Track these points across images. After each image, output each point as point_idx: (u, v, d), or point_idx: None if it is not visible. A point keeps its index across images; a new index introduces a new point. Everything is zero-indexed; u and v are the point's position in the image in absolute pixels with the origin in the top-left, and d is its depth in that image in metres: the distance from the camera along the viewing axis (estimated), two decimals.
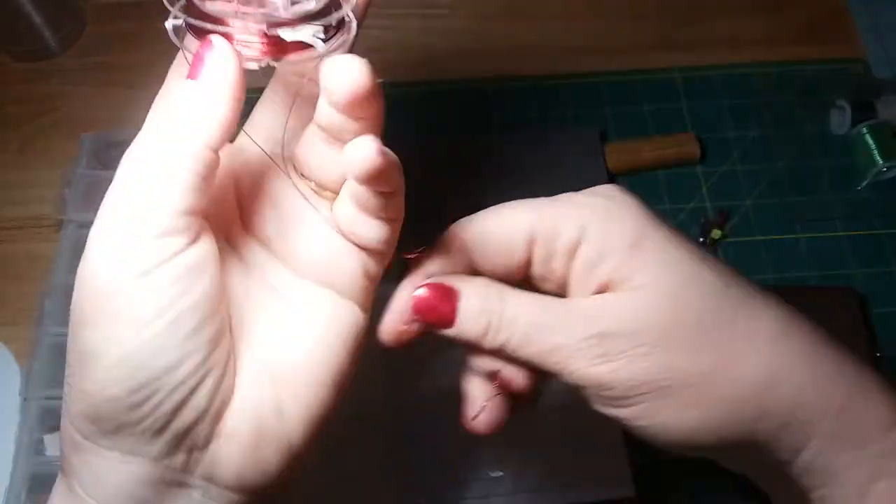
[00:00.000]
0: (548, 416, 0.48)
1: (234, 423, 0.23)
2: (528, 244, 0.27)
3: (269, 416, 0.24)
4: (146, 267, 0.21)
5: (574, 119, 0.63)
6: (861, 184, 0.59)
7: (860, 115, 0.59)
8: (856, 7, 0.69)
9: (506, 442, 0.47)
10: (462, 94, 0.64)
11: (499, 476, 0.46)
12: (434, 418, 0.48)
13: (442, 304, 0.27)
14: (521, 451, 0.47)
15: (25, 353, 0.51)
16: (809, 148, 0.61)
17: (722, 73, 0.65)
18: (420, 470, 0.46)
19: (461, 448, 0.47)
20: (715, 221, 0.58)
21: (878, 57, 0.66)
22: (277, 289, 0.26)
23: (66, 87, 0.65)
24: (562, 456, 0.47)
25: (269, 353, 0.25)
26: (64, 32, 0.66)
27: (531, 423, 0.48)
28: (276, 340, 0.25)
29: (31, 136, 0.63)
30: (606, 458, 0.47)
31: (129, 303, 0.21)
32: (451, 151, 0.58)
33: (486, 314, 0.26)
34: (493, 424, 0.29)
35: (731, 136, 0.62)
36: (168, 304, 0.22)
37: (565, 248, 0.27)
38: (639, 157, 0.59)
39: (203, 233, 0.23)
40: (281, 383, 0.25)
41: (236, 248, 0.26)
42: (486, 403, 0.29)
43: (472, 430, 0.29)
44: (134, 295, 0.21)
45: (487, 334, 0.27)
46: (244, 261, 0.26)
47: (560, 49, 0.68)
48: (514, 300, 0.27)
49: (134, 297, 0.21)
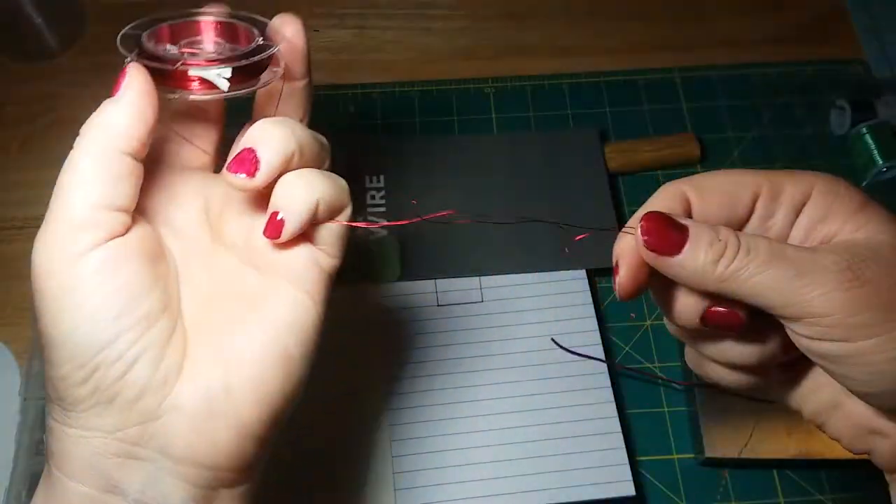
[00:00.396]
0: (547, 415, 0.48)
1: (182, 399, 0.26)
2: (753, 198, 0.27)
3: (218, 394, 0.27)
4: (70, 257, 0.25)
5: (574, 119, 0.63)
6: (861, 184, 0.59)
7: (860, 116, 0.59)
8: (855, 7, 0.69)
9: (506, 441, 0.47)
10: (462, 94, 0.64)
11: None
12: (433, 419, 0.48)
13: (670, 230, 0.26)
14: (520, 450, 0.47)
15: (25, 353, 0.52)
16: (809, 148, 0.61)
17: (722, 73, 0.65)
18: (418, 469, 0.46)
19: (458, 447, 0.47)
20: None
21: (878, 57, 0.66)
22: (237, 281, 0.29)
23: (66, 87, 0.65)
24: (562, 456, 0.47)
25: (222, 336, 0.28)
26: (64, 32, 0.66)
27: (532, 423, 0.48)
28: (230, 325, 0.28)
29: (31, 136, 0.63)
30: (606, 458, 0.47)
31: (62, 289, 0.25)
32: (451, 151, 0.58)
33: (721, 242, 0.25)
34: (632, 281, 0.27)
35: (731, 136, 0.62)
36: (93, 289, 0.25)
37: (791, 204, 0.27)
38: (638, 157, 0.59)
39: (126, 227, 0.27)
40: (231, 363, 0.27)
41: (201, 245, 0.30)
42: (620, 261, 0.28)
43: (617, 293, 0.28)
44: (65, 283, 0.25)
45: (721, 262, 0.25)
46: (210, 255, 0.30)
47: (560, 49, 0.68)
48: (748, 234, 0.26)
49: (65, 284, 0.25)
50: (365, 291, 0.52)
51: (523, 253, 0.54)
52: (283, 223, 0.28)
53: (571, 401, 0.49)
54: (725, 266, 0.25)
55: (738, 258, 0.25)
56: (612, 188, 0.58)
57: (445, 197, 0.56)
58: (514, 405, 0.48)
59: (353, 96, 0.64)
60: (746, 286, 0.25)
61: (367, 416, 0.48)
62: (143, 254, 0.27)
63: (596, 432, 0.47)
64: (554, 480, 0.46)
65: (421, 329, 0.51)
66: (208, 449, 0.27)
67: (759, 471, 0.49)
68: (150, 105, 0.27)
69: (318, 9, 0.70)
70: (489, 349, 0.50)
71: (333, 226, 0.30)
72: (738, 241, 0.25)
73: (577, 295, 0.52)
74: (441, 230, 0.55)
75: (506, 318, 0.51)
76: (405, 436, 0.47)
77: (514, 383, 0.49)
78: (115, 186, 0.26)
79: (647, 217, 0.26)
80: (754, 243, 0.25)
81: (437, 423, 0.48)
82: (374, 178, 0.56)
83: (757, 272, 0.25)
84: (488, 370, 0.49)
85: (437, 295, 0.52)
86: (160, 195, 0.30)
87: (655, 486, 0.49)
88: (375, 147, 0.58)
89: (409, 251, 0.54)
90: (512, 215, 0.51)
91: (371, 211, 0.55)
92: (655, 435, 0.50)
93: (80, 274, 0.25)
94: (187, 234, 0.30)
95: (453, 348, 0.50)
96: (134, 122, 0.26)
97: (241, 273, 0.29)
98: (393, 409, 0.48)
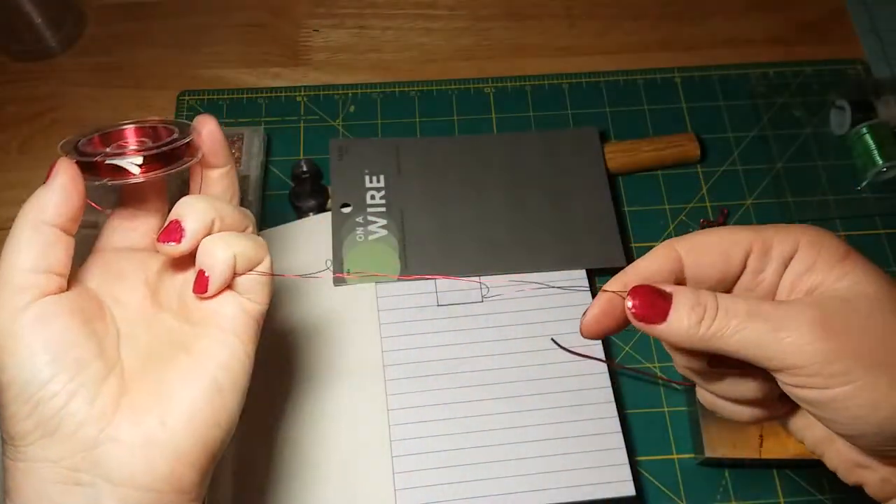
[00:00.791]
0: (548, 415, 0.48)
1: (120, 430, 0.30)
2: (745, 255, 0.30)
3: (154, 425, 0.31)
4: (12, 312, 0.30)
5: (574, 119, 0.63)
6: (860, 184, 0.59)
7: (860, 116, 0.59)
8: (855, 7, 0.69)
9: (505, 441, 0.47)
10: (462, 94, 0.64)
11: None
12: (433, 418, 0.48)
13: (656, 299, 0.28)
14: (520, 450, 0.47)
15: None
16: (809, 148, 0.61)
17: (721, 73, 0.65)
18: (418, 469, 0.46)
19: (458, 447, 0.47)
20: (714, 221, 0.58)
21: (878, 57, 0.66)
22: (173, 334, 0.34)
23: (65, 87, 0.65)
24: (562, 456, 0.47)
25: (158, 376, 0.32)
26: (64, 32, 0.66)
27: (532, 423, 0.48)
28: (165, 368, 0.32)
29: (31, 136, 0.63)
30: (606, 458, 0.47)
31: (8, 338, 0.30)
32: (451, 151, 0.58)
33: (701, 306, 0.28)
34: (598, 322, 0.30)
35: (731, 136, 0.62)
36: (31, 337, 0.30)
37: (780, 259, 0.29)
38: (638, 156, 0.59)
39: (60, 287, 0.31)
40: (165, 397, 0.31)
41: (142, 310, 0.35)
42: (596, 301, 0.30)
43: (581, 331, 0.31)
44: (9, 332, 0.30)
45: (702, 323, 0.28)
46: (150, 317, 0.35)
47: (560, 49, 0.68)
48: (725, 296, 0.28)
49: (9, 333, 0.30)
50: (365, 291, 0.52)
51: (524, 253, 0.54)
52: (208, 279, 0.33)
53: (571, 401, 0.49)
54: (707, 327, 0.28)
55: (718, 319, 0.28)
56: (612, 188, 0.58)
57: (445, 197, 0.56)
58: (514, 405, 0.48)
59: (353, 96, 0.64)
60: (729, 343, 0.27)
61: (367, 416, 0.48)
62: (76, 311, 0.32)
63: (596, 432, 0.47)
64: (554, 480, 0.46)
65: (421, 329, 0.51)
66: (146, 474, 0.30)
67: (759, 471, 0.49)
68: (76, 189, 0.32)
69: (318, 9, 0.70)
70: (489, 349, 0.50)
71: (254, 276, 0.34)
72: (716, 304, 0.28)
73: (577, 295, 0.52)
74: (441, 230, 0.55)
75: (506, 318, 0.51)
76: (405, 436, 0.47)
77: (514, 383, 0.49)
78: (47, 254, 0.31)
79: (634, 291, 0.29)
80: (732, 304, 0.28)
81: (436, 423, 0.48)
82: (375, 178, 0.56)
83: (737, 330, 0.27)
84: (488, 370, 0.49)
85: (437, 295, 0.52)
86: (108, 275, 0.35)
87: (655, 486, 0.49)
88: (375, 147, 0.58)
89: (409, 251, 0.54)
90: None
91: (371, 211, 0.55)
92: (655, 435, 0.50)
93: (21, 324, 0.30)
94: (130, 303, 0.35)
95: (453, 348, 0.50)
96: (61, 202, 0.31)
97: (177, 328, 0.34)
98: (393, 409, 0.48)
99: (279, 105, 0.64)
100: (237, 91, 0.64)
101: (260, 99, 0.64)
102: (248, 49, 0.67)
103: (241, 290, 0.34)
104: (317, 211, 0.56)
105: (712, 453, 0.47)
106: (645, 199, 0.60)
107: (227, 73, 0.66)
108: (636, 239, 0.58)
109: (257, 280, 0.34)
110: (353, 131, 0.62)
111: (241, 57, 0.67)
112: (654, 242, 0.57)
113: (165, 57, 0.66)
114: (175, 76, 0.65)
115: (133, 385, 0.32)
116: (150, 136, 0.36)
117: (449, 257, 0.54)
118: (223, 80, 0.66)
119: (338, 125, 0.63)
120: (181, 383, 0.32)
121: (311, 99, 0.64)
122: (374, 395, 0.49)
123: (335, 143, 0.58)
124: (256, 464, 0.47)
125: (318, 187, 0.57)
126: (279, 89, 0.64)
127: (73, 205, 0.32)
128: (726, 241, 0.30)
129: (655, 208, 0.59)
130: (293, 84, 0.65)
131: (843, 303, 0.27)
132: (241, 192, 0.56)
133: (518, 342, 0.50)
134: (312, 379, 0.50)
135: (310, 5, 0.70)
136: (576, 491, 0.46)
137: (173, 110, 0.63)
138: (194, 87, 0.64)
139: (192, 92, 0.64)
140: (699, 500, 0.48)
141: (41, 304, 0.31)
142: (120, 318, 0.34)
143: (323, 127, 0.63)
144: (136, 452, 0.30)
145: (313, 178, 0.58)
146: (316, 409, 0.49)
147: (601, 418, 0.48)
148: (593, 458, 0.47)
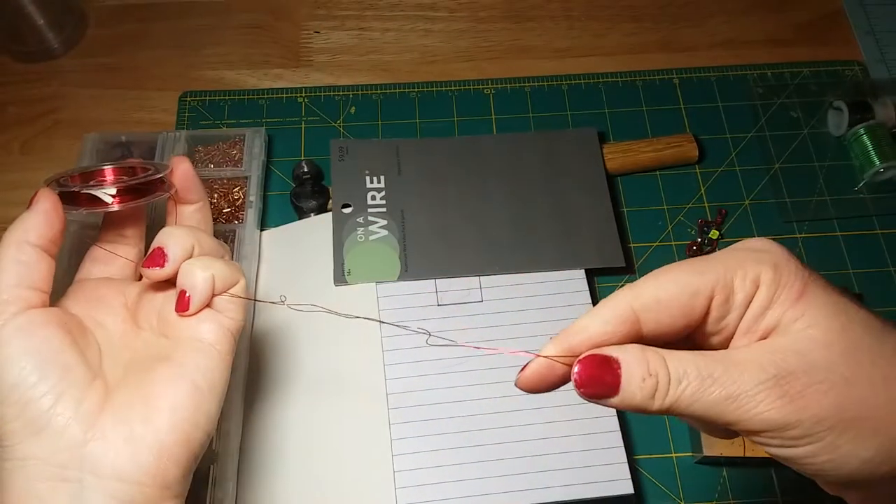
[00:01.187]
0: (546, 414, 0.48)
1: (106, 429, 0.32)
2: (708, 302, 0.28)
3: (138, 423, 0.33)
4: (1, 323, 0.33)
5: (573, 120, 0.63)
6: (858, 184, 0.59)
7: (857, 116, 0.60)
8: (853, 9, 0.70)
9: (505, 440, 0.47)
10: (462, 95, 0.64)
11: None
12: (433, 418, 0.48)
13: (604, 375, 0.27)
14: (520, 449, 0.47)
15: None
16: (806, 149, 0.61)
17: (720, 74, 0.66)
18: (418, 469, 0.47)
19: (458, 447, 0.47)
20: (713, 222, 0.58)
21: (875, 58, 0.67)
22: (153, 348, 0.36)
23: (67, 88, 0.65)
24: (561, 455, 0.47)
25: (140, 382, 0.34)
26: (66, 34, 0.67)
27: (531, 422, 0.48)
28: (147, 375, 0.35)
29: (32, 137, 0.63)
30: (605, 456, 0.47)
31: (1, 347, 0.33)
32: (451, 152, 0.59)
33: (652, 377, 0.27)
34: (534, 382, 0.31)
35: (729, 137, 0.62)
36: (18, 345, 0.33)
37: (742, 305, 0.28)
38: (637, 157, 0.60)
39: (42, 301, 0.34)
40: (148, 397, 0.34)
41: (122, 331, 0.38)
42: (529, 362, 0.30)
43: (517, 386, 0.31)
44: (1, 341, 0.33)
45: (656, 396, 0.27)
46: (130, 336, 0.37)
47: (559, 50, 0.68)
48: (676, 359, 0.27)
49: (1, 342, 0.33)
50: (365, 291, 0.53)
51: (523, 253, 0.54)
52: (189, 299, 0.35)
53: (570, 400, 0.49)
54: (662, 399, 0.27)
55: (671, 391, 0.26)
56: (611, 188, 0.58)
57: (445, 197, 0.56)
58: (513, 404, 0.49)
59: (353, 97, 0.64)
60: (688, 412, 0.27)
61: (368, 415, 0.48)
62: (60, 323, 0.34)
63: (594, 431, 0.48)
64: (553, 479, 0.46)
65: (421, 329, 0.51)
66: (132, 467, 0.32)
67: (757, 469, 0.49)
68: (56, 214, 0.36)
69: (318, 10, 0.70)
70: None
71: (230, 296, 0.37)
72: (667, 373, 0.27)
73: (577, 295, 0.52)
74: (441, 230, 0.55)
75: (506, 318, 0.52)
76: (405, 436, 0.48)
77: (514, 383, 0.49)
78: (31, 271, 0.34)
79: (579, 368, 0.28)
80: (683, 370, 0.26)
81: (436, 422, 0.48)
82: (375, 178, 0.57)
83: (692, 401, 0.26)
84: (488, 370, 0.50)
85: (437, 295, 0.53)
86: (89, 301, 0.38)
87: (654, 485, 0.49)
88: (376, 148, 0.59)
89: (409, 251, 0.54)
90: None
91: (371, 211, 0.55)
92: (654, 433, 0.51)
93: (7, 332, 0.33)
94: (111, 325, 0.37)
95: (453, 348, 0.51)
96: (43, 224, 0.35)
97: (157, 342, 0.37)
98: (393, 408, 0.48)
99: (280, 106, 0.64)
100: (238, 92, 0.64)
101: (261, 100, 0.64)
102: (250, 50, 0.68)
103: (219, 308, 0.37)
104: (318, 211, 0.56)
105: (710, 452, 0.47)
106: (644, 200, 0.60)
107: (229, 75, 0.66)
108: (635, 239, 0.58)
109: (233, 299, 0.37)
110: (354, 132, 0.63)
111: (243, 58, 0.67)
112: (652, 243, 0.58)
113: (167, 58, 0.67)
114: (177, 77, 0.65)
115: (117, 390, 0.34)
116: (127, 174, 0.40)
117: (449, 257, 0.54)
118: (224, 81, 0.66)
119: (338, 126, 0.63)
120: (163, 386, 0.34)
121: (311, 100, 0.64)
122: (374, 395, 0.49)
123: (336, 144, 0.59)
124: (257, 462, 0.47)
125: (319, 188, 0.57)
126: (280, 90, 0.65)
127: (53, 228, 0.35)
128: (686, 293, 0.28)
129: (654, 208, 0.59)
130: (294, 85, 0.66)
131: (799, 357, 0.26)
132: (241, 192, 0.57)
133: (517, 342, 0.51)
134: (313, 378, 0.50)
135: (310, 7, 0.70)
136: (574, 489, 0.46)
137: (175, 111, 0.63)
138: (196, 88, 0.64)
139: (194, 93, 0.64)
140: (697, 499, 0.49)
141: (27, 314, 0.33)
142: (102, 339, 0.36)
143: (324, 128, 0.63)
144: (121, 447, 0.32)
145: (314, 178, 0.58)
146: (316, 408, 0.49)
147: (600, 417, 0.48)
148: (592, 456, 0.47)
